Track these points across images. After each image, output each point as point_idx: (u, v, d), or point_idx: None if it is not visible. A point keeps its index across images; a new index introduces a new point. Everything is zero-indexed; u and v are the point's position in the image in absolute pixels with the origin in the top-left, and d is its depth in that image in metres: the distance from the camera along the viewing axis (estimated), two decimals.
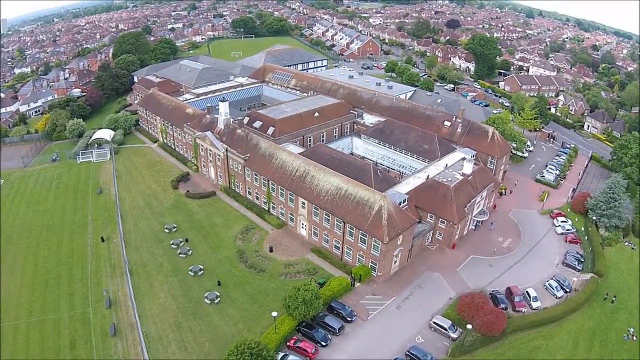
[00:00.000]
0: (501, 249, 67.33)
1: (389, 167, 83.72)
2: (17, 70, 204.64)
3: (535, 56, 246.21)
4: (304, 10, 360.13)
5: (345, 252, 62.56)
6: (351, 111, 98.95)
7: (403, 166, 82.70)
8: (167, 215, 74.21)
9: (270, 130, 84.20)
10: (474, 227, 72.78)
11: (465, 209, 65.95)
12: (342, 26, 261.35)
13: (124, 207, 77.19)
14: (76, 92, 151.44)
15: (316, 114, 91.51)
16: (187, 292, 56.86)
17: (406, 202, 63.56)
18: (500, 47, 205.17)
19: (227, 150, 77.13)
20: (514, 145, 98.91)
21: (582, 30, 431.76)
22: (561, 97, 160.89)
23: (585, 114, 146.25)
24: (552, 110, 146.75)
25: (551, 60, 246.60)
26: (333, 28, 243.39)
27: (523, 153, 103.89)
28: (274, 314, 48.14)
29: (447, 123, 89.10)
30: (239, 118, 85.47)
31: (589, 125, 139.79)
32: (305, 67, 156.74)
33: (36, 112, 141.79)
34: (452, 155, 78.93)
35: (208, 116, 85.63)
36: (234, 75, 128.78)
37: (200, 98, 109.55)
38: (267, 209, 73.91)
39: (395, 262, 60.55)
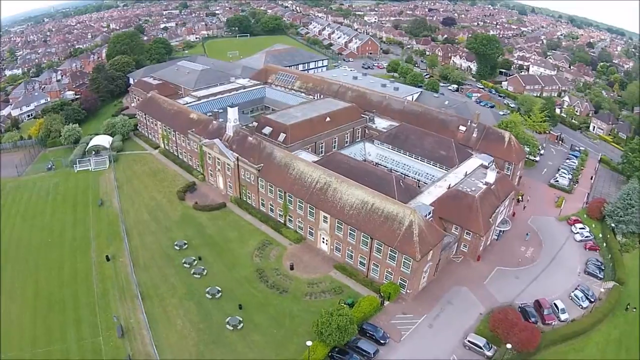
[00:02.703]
0: (525, 259, 65.08)
1: (404, 174, 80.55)
2: (7, 72, 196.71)
3: (534, 54, 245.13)
4: (297, 8, 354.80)
5: (371, 268, 59.17)
6: (362, 115, 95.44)
7: (419, 173, 79.73)
8: (176, 229, 69.78)
9: (282, 136, 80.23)
10: (496, 237, 70.27)
11: (490, 219, 63.49)
12: (339, 24, 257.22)
13: (128, 221, 72.54)
14: (70, 94, 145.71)
15: (328, 119, 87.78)
16: (206, 318, 52.77)
17: (431, 214, 60.69)
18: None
19: (238, 159, 72.96)
20: (527, 149, 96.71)
21: (575, 27, 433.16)
22: (566, 98, 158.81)
23: (590, 115, 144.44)
24: (557, 111, 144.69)
25: (550, 58, 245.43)
26: (330, 27, 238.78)
27: (535, 157, 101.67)
28: (309, 343, 44.43)
29: (463, 128, 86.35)
30: (250, 125, 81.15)
31: (594, 127, 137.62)
32: (306, 68, 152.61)
33: (29, 116, 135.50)
34: (469, 162, 76.30)
35: (215, 122, 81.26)
36: (235, 77, 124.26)
37: (201, 101, 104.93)
38: (283, 222, 69.99)
39: (423, 277, 57.73)
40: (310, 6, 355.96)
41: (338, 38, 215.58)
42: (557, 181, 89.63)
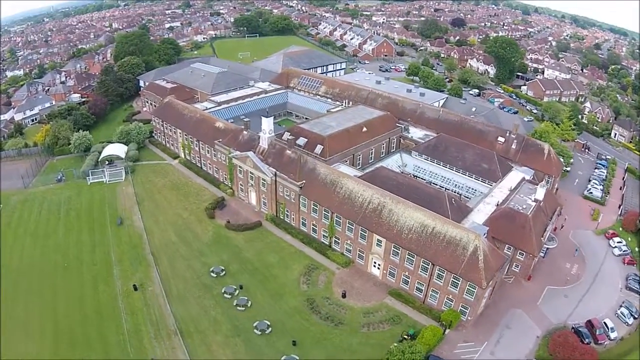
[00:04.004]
0: (572, 277, 62.96)
1: (443, 187, 75.40)
2: (9, 73, 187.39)
3: (546, 57, 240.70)
4: (303, 7, 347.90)
5: (429, 294, 54.38)
6: (397, 124, 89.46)
7: (460, 186, 74.96)
8: (209, 253, 62.96)
9: (318, 148, 73.83)
10: (542, 255, 66.67)
11: (542, 238, 60.51)
12: (349, 24, 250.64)
13: (154, 242, 65.55)
14: (75, 97, 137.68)
15: (364, 129, 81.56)
16: (258, 358, 46.30)
17: (486, 235, 55.95)
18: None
19: (276, 174, 66.30)
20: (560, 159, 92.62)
21: (579, 28, 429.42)
22: (587, 104, 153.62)
23: (611, 122, 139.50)
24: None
25: (562, 61, 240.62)
26: (341, 27, 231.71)
27: (566, 167, 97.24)
28: None
29: (501, 139, 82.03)
30: (290, 137, 74.27)
31: (616, 134, 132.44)
32: (325, 70, 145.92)
33: (32, 120, 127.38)
34: (511, 176, 72.64)
35: (245, 132, 74.52)
36: (254, 80, 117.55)
37: (222, 107, 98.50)
38: (328, 244, 63.69)
39: (482, 302, 53.67)
40: (316, 6, 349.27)
41: (351, 39, 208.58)
42: (591, 193, 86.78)
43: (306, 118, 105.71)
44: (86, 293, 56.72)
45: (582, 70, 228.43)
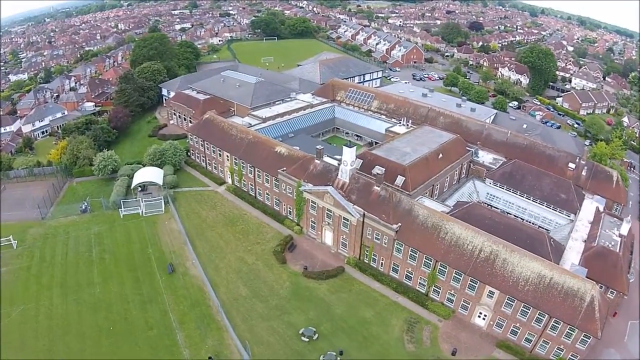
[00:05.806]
0: None
1: (519, 217, 69.20)
2: (12, 77, 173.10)
3: (569, 64, 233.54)
4: (315, 9, 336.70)
5: (538, 344, 50.02)
6: (467, 148, 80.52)
7: (535, 217, 69.22)
8: (292, 310, 52.35)
9: (399, 180, 63.86)
10: None
11: (628, 275, 57.42)
12: (367, 27, 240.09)
13: (220, 297, 54.30)
14: (89, 106, 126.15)
15: (440, 155, 71.94)
16: None
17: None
18: None
19: (364, 215, 55.89)
20: None
21: (587, 30, 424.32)
22: (625, 119, 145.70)
23: None
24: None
25: (585, 68, 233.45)
26: (363, 31, 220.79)
27: None
28: None
29: (572, 165, 76.99)
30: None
31: None
32: (362, 80, 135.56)
33: (43, 132, 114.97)
34: (586, 205, 68.07)
35: (318, 161, 63.86)
36: (295, 92, 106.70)
37: (268, 124, 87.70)
38: (425, 293, 55.12)
39: None
40: (327, 7, 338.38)
41: (377, 44, 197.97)
42: None
43: (357, 136, 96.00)
44: None
45: (604, 78, 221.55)
